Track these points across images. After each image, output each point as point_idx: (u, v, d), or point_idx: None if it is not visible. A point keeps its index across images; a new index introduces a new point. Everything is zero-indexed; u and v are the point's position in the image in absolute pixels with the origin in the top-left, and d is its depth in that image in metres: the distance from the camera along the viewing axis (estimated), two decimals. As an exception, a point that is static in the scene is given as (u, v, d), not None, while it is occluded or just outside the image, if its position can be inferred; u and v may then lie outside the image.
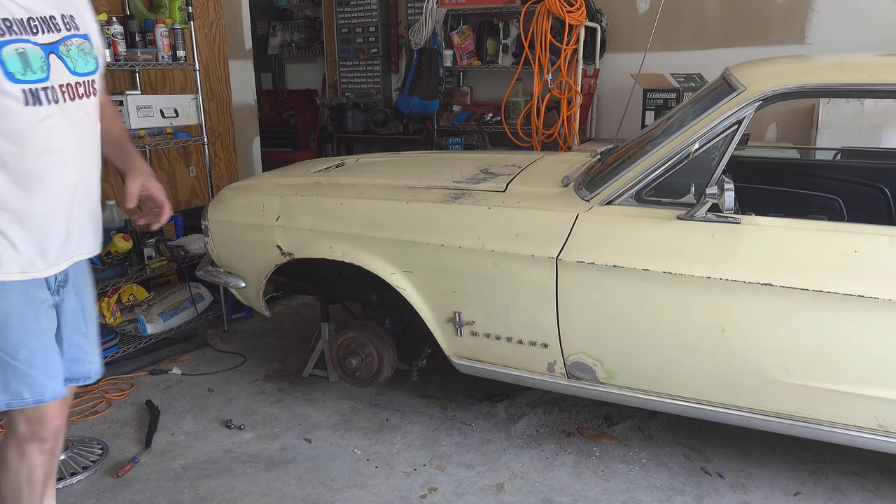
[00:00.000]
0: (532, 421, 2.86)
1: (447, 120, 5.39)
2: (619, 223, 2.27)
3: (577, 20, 4.46)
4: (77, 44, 1.64)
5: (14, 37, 1.52)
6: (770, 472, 2.50)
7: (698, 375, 2.25)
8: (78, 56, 1.64)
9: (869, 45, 4.17)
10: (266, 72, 6.77)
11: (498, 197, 2.52)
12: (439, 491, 2.42)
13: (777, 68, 2.40)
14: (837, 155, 3.34)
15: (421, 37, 5.10)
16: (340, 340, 2.94)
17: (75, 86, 1.63)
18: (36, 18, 1.57)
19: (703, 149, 2.20)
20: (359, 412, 2.96)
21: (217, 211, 2.99)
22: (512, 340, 2.49)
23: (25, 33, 1.54)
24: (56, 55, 1.59)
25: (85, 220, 1.73)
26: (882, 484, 2.42)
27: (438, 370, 2.99)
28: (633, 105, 4.31)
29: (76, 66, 1.64)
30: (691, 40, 4.78)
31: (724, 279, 2.09)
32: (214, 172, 4.17)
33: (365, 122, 5.63)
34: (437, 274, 2.53)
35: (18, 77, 1.52)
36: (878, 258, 1.99)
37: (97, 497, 2.40)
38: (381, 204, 2.66)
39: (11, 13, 1.52)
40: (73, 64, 1.63)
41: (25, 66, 1.53)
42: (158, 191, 1.89)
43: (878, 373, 2.03)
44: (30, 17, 1.56)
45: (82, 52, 1.65)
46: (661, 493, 2.39)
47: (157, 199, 1.89)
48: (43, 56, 1.57)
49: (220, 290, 3.76)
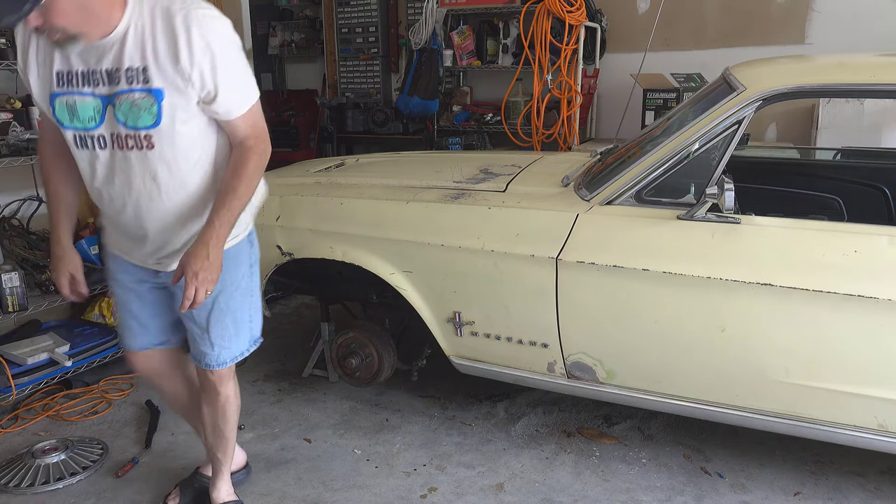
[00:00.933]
0: (532, 421, 2.86)
1: (447, 120, 5.38)
2: (619, 223, 2.27)
3: (577, 20, 4.46)
4: (132, 98, 1.69)
5: (66, 89, 1.71)
6: (770, 472, 2.50)
7: (698, 375, 2.25)
8: (130, 110, 1.70)
9: (869, 45, 4.17)
10: (266, 72, 6.77)
11: (498, 197, 2.52)
12: (439, 491, 2.42)
13: (777, 68, 2.40)
14: (837, 155, 3.34)
15: (421, 37, 5.10)
16: (340, 340, 2.94)
17: (125, 137, 1.73)
18: (97, 72, 1.69)
19: (703, 149, 2.20)
20: (359, 412, 2.96)
21: (217, 211, 2.98)
22: (512, 340, 2.49)
23: (81, 86, 1.70)
24: (112, 106, 1.71)
25: (167, 253, 1.92)
26: (882, 484, 2.42)
27: (438, 370, 2.99)
28: (633, 105, 4.31)
29: (127, 120, 1.71)
30: (691, 40, 4.78)
31: (723, 279, 2.09)
32: (214, 172, 4.16)
33: (365, 122, 5.62)
34: (437, 274, 2.53)
35: (66, 124, 1.75)
36: (878, 258, 1.99)
37: (97, 497, 2.40)
38: (381, 204, 2.66)
39: (71, 66, 1.70)
40: (125, 117, 1.71)
41: (72, 116, 1.73)
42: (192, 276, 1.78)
43: (878, 373, 2.03)
44: (91, 71, 1.69)
45: (135, 107, 1.69)
46: (661, 493, 2.39)
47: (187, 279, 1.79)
48: (99, 106, 1.72)
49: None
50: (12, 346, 3.00)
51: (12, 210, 3.26)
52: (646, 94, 4.46)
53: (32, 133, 2.94)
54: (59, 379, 3.03)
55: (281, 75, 6.85)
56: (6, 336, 3.12)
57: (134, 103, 1.68)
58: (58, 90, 1.72)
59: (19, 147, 2.88)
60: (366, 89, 6.02)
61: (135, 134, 1.72)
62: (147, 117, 1.70)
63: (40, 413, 2.94)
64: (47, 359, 2.99)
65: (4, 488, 2.42)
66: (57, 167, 1.93)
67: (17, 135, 2.88)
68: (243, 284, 2.01)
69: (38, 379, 2.93)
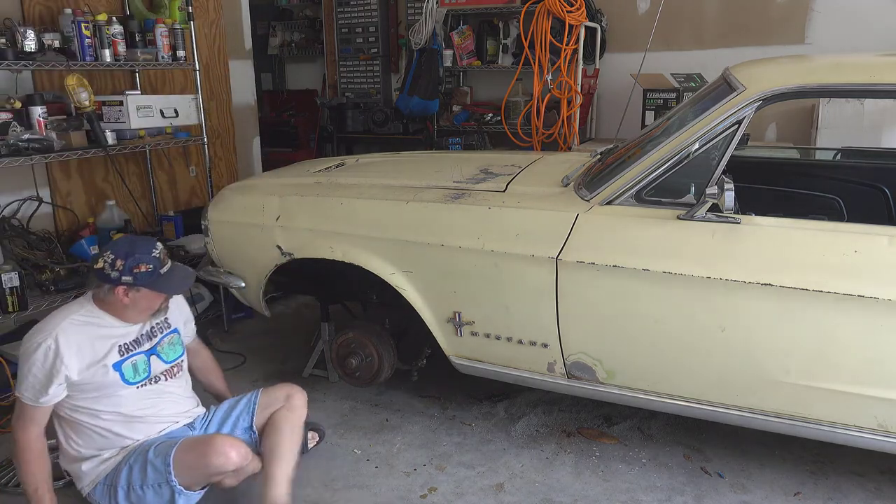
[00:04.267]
0: (532, 421, 2.86)
1: (447, 120, 5.39)
2: (619, 223, 2.27)
3: (577, 20, 4.46)
4: (168, 340, 2.32)
5: (129, 354, 2.19)
6: (770, 472, 2.50)
7: (698, 375, 2.25)
8: (168, 349, 2.32)
9: (869, 45, 4.17)
10: (266, 72, 6.77)
11: (498, 197, 2.52)
12: (439, 491, 2.42)
13: (777, 68, 2.40)
14: (837, 155, 3.34)
15: (421, 37, 5.10)
16: (340, 340, 2.94)
17: (169, 370, 2.31)
18: (143, 334, 2.24)
19: (703, 149, 2.20)
20: (359, 412, 2.96)
21: (217, 211, 2.99)
22: (512, 340, 2.49)
23: (135, 348, 2.21)
24: (156, 355, 2.27)
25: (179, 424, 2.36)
26: (882, 484, 2.42)
27: (438, 370, 2.99)
28: (633, 105, 4.30)
29: (168, 357, 2.31)
30: (691, 40, 4.78)
31: (724, 279, 2.08)
32: (214, 172, 4.17)
33: (365, 122, 5.62)
34: (437, 274, 2.53)
35: (130, 380, 2.19)
36: (877, 258, 1.99)
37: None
38: (381, 204, 2.66)
39: (130, 338, 2.20)
40: (166, 356, 2.30)
41: (135, 373, 2.20)
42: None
43: (878, 373, 2.03)
44: (140, 336, 2.23)
45: (171, 344, 2.33)
46: (661, 493, 2.39)
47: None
48: (146, 359, 2.23)
49: (220, 290, 3.76)
50: (12, 346, 2.99)
51: (12, 210, 3.26)
52: (646, 94, 4.46)
53: (32, 133, 2.94)
54: (59, 379, 3.02)
55: (281, 75, 6.86)
56: (6, 336, 3.12)
57: (171, 342, 2.34)
58: (123, 357, 2.18)
59: (19, 147, 2.87)
60: (366, 89, 6.03)
61: (174, 365, 2.35)
62: (179, 349, 2.38)
63: (40, 413, 2.94)
64: (47, 359, 2.99)
65: (4, 488, 2.42)
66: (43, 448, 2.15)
67: (17, 135, 2.88)
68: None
69: (38, 379, 2.93)
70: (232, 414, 2.40)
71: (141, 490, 2.13)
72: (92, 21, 3.15)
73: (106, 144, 3.22)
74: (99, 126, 3.19)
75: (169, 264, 2.19)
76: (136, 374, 2.20)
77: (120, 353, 2.17)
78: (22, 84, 3.28)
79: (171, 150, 4.01)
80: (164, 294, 2.20)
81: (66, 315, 2.12)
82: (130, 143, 3.41)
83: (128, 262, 2.09)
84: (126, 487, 2.15)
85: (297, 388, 2.45)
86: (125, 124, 3.34)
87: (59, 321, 2.09)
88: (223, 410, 2.42)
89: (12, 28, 2.90)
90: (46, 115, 3.06)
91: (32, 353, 2.04)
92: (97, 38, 3.17)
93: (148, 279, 2.11)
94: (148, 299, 2.17)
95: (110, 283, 2.11)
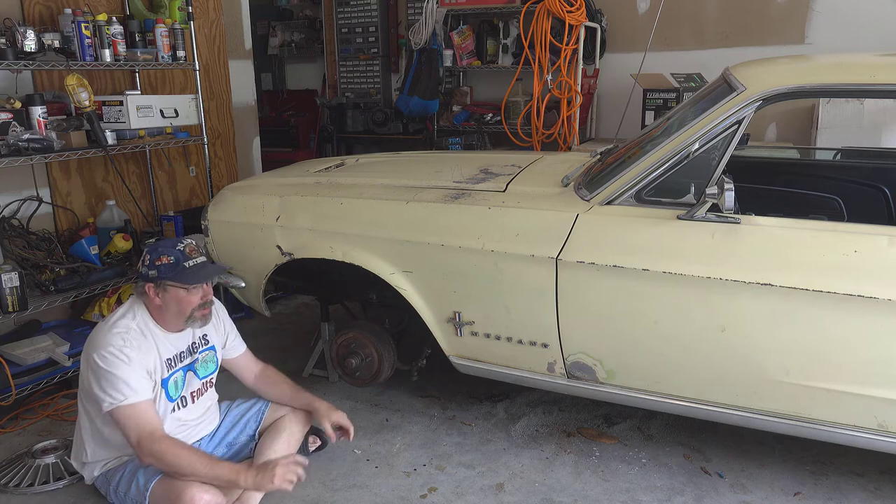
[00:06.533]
0: (532, 421, 2.86)
1: (447, 120, 5.39)
2: (618, 223, 2.27)
3: (577, 20, 4.46)
4: (203, 357, 2.37)
5: (173, 369, 2.23)
6: (770, 472, 2.50)
7: (698, 375, 2.25)
8: (201, 365, 2.36)
9: (869, 45, 4.17)
10: (266, 72, 6.77)
11: (498, 197, 2.52)
12: (439, 491, 2.42)
13: (777, 68, 2.40)
14: (837, 155, 3.34)
15: (421, 37, 5.10)
16: (340, 340, 2.94)
17: (199, 389, 2.36)
18: (184, 351, 2.29)
19: (702, 149, 2.20)
20: (359, 412, 2.96)
21: (217, 211, 2.99)
22: (512, 340, 2.49)
23: (177, 364, 2.25)
24: (192, 371, 2.32)
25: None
26: (882, 484, 2.42)
27: (438, 370, 2.99)
28: (633, 105, 4.30)
29: (201, 373, 2.36)
30: (691, 40, 4.78)
31: (723, 279, 2.09)
32: (214, 172, 4.17)
33: (365, 122, 5.63)
34: (437, 274, 2.53)
35: (173, 396, 2.24)
36: (878, 258, 1.99)
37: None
38: (381, 204, 2.66)
39: (172, 353, 2.23)
40: (200, 372, 2.36)
41: (176, 389, 2.25)
42: (343, 418, 2.51)
43: (877, 373, 2.03)
44: (181, 352, 2.28)
45: (205, 362, 2.38)
46: (661, 493, 2.39)
47: (345, 425, 2.51)
48: (182, 374, 2.28)
49: (220, 290, 3.76)
50: (12, 346, 3.00)
51: (12, 210, 3.25)
52: (646, 94, 4.46)
53: (32, 133, 2.94)
54: (59, 379, 3.03)
55: (281, 75, 6.86)
56: (6, 336, 3.12)
57: (205, 358, 2.40)
58: (168, 374, 2.22)
59: (19, 147, 2.87)
60: (366, 89, 6.03)
61: (205, 381, 2.40)
62: (212, 366, 2.43)
63: (40, 413, 2.94)
64: (47, 359, 2.99)
65: (4, 488, 2.42)
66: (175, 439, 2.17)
67: (17, 135, 2.88)
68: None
69: (38, 379, 2.94)
70: (241, 420, 2.48)
71: (123, 497, 2.18)
72: (92, 21, 3.15)
73: (106, 144, 3.22)
74: (99, 126, 3.18)
75: (197, 259, 2.20)
76: (176, 391, 2.26)
77: (169, 367, 2.23)
78: (22, 84, 3.28)
79: (171, 150, 4.01)
80: (187, 286, 2.16)
81: (121, 324, 2.15)
82: (130, 143, 3.41)
83: (152, 255, 2.17)
84: (115, 487, 2.20)
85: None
86: (125, 124, 3.34)
87: (118, 329, 2.13)
88: (234, 415, 2.49)
89: (12, 28, 2.90)
90: (46, 115, 3.05)
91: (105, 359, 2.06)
92: (97, 38, 3.17)
93: (170, 271, 2.14)
94: (177, 299, 2.17)
95: (141, 279, 2.19)
